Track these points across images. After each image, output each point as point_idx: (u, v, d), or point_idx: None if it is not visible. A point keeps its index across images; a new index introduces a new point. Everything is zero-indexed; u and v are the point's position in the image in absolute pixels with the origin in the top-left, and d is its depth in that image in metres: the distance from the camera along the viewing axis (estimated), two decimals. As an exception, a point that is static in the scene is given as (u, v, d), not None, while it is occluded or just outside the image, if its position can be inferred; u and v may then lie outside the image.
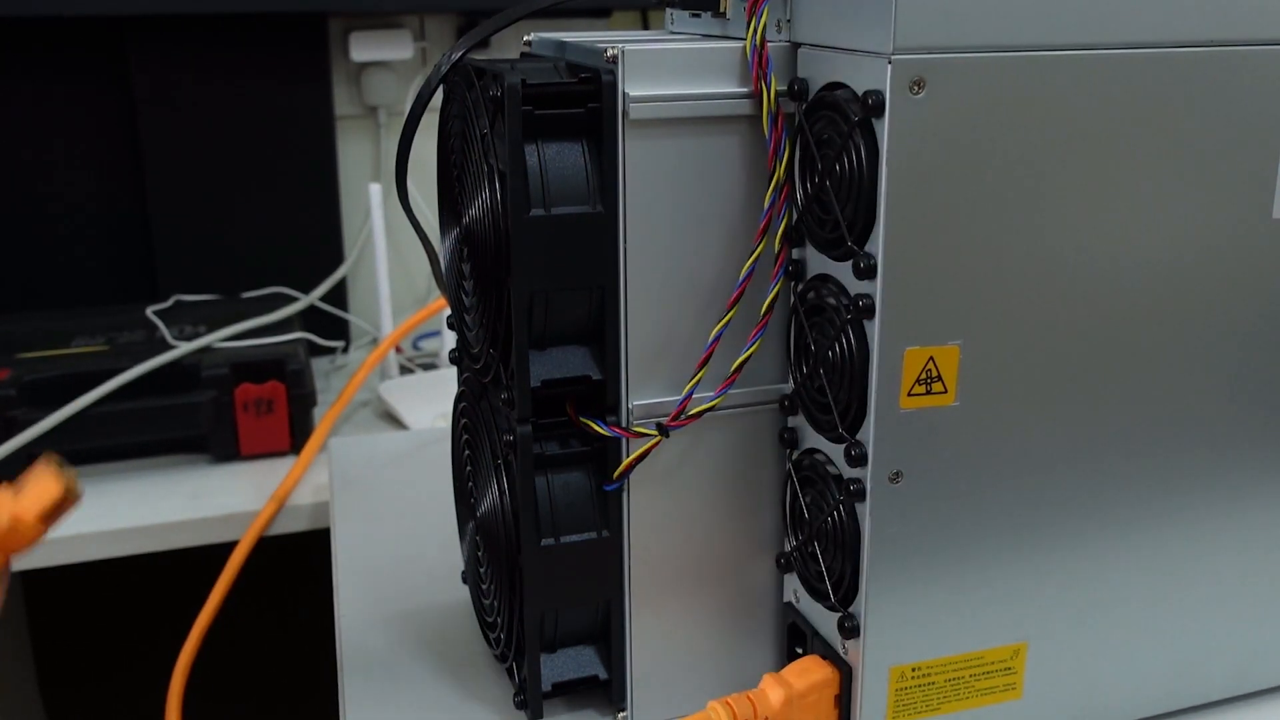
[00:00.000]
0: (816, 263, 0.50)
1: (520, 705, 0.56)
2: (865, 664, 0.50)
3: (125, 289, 1.28)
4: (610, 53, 0.48)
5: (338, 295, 1.33)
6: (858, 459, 0.48)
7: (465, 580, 0.66)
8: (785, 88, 0.49)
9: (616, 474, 0.52)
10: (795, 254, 0.51)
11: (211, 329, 1.12)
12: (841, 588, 0.50)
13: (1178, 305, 0.50)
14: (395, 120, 1.36)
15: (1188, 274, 0.50)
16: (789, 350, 0.53)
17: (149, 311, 1.18)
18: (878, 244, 0.45)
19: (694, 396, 0.51)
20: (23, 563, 0.92)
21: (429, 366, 1.27)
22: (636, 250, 0.50)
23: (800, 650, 0.55)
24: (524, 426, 0.52)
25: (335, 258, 1.34)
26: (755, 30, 0.49)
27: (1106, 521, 0.52)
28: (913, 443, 0.48)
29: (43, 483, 0.48)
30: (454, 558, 0.71)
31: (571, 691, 0.56)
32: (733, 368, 0.51)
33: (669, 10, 0.59)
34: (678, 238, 0.50)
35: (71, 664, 1.33)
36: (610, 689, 0.56)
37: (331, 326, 1.32)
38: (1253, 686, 0.58)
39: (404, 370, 1.25)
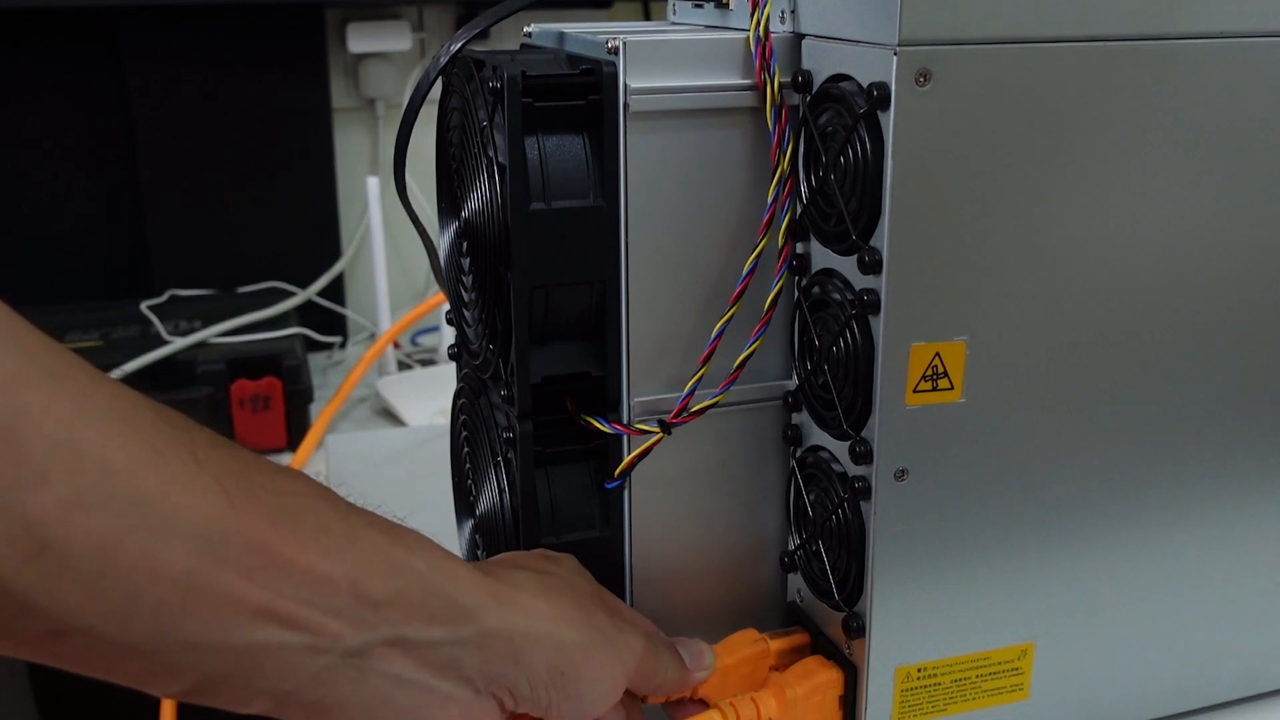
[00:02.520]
0: (820, 257, 0.49)
1: None
2: (870, 664, 0.49)
3: (119, 284, 1.27)
4: (611, 44, 0.48)
5: (335, 290, 1.32)
6: (862, 456, 0.47)
7: (464, 578, 0.65)
8: (789, 79, 0.49)
9: (618, 472, 0.51)
10: (799, 249, 0.51)
11: (207, 324, 1.11)
12: (846, 587, 0.50)
13: (1188, 301, 0.50)
14: (393, 112, 1.35)
15: (1199, 270, 0.49)
16: (793, 346, 0.52)
17: (143, 307, 1.18)
18: (883, 238, 0.45)
19: (696, 393, 0.50)
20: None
21: (427, 362, 1.27)
22: (638, 244, 0.49)
23: (804, 650, 0.54)
24: (524, 423, 0.51)
25: (332, 252, 1.33)
26: (758, 21, 0.48)
27: (1115, 520, 0.51)
28: (918, 440, 0.47)
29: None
30: (452, 555, 0.70)
31: (572, 692, 0.56)
32: (735, 364, 0.50)
33: (671, 1, 0.58)
34: (680, 232, 0.50)
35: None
36: (611, 689, 0.56)
37: (329, 322, 1.31)
38: (1263, 687, 0.57)
39: (402, 366, 1.24)
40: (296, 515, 0.38)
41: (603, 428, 0.51)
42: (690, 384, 0.50)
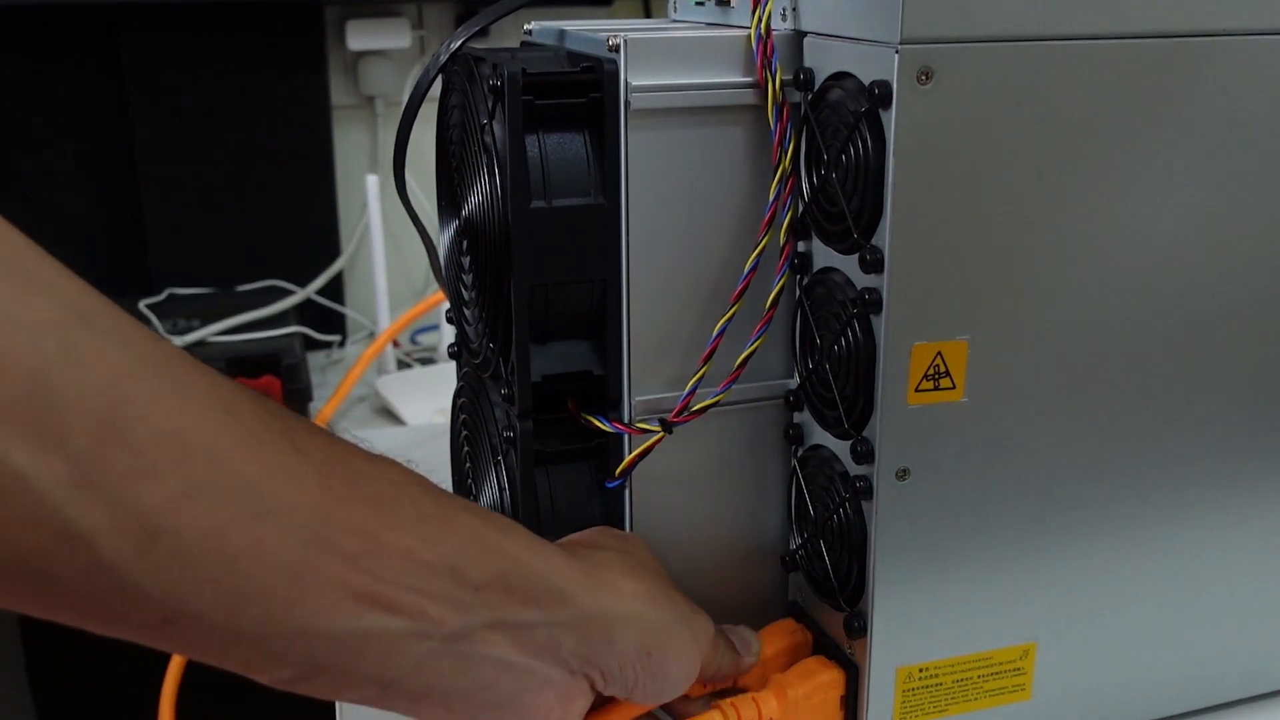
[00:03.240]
0: (822, 256, 0.49)
1: None
2: (872, 664, 0.49)
3: (117, 282, 1.27)
4: (612, 41, 0.47)
5: (334, 289, 1.32)
6: (864, 455, 0.47)
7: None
8: (790, 77, 0.48)
9: (619, 471, 0.51)
10: (801, 247, 0.51)
11: (205, 323, 1.11)
12: (848, 587, 0.50)
13: (1192, 301, 0.49)
14: (393, 110, 1.35)
15: (1203, 269, 0.49)
16: (794, 345, 0.52)
17: (142, 305, 1.17)
18: (884, 237, 0.45)
19: (697, 392, 0.50)
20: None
21: (427, 361, 1.27)
22: (639, 243, 0.49)
23: (805, 650, 0.54)
24: (524, 422, 0.51)
25: (332, 250, 1.33)
26: (760, 19, 0.48)
27: (1118, 520, 0.51)
28: (920, 439, 0.47)
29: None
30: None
31: (572, 692, 0.56)
32: (737, 363, 0.50)
33: (671, -2, 0.58)
34: (681, 230, 0.50)
35: (63, 664, 1.33)
36: (612, 689, 0.55)
37: (328, 320, 1.31)
38: (1267, 687, 0.57)
39: (401, 365, 1.24)
40: (394, 501, 0.39)
41: (603, 427, 0.51)
42: (691, 383, 0.50)
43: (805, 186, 0.49)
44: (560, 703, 0.42)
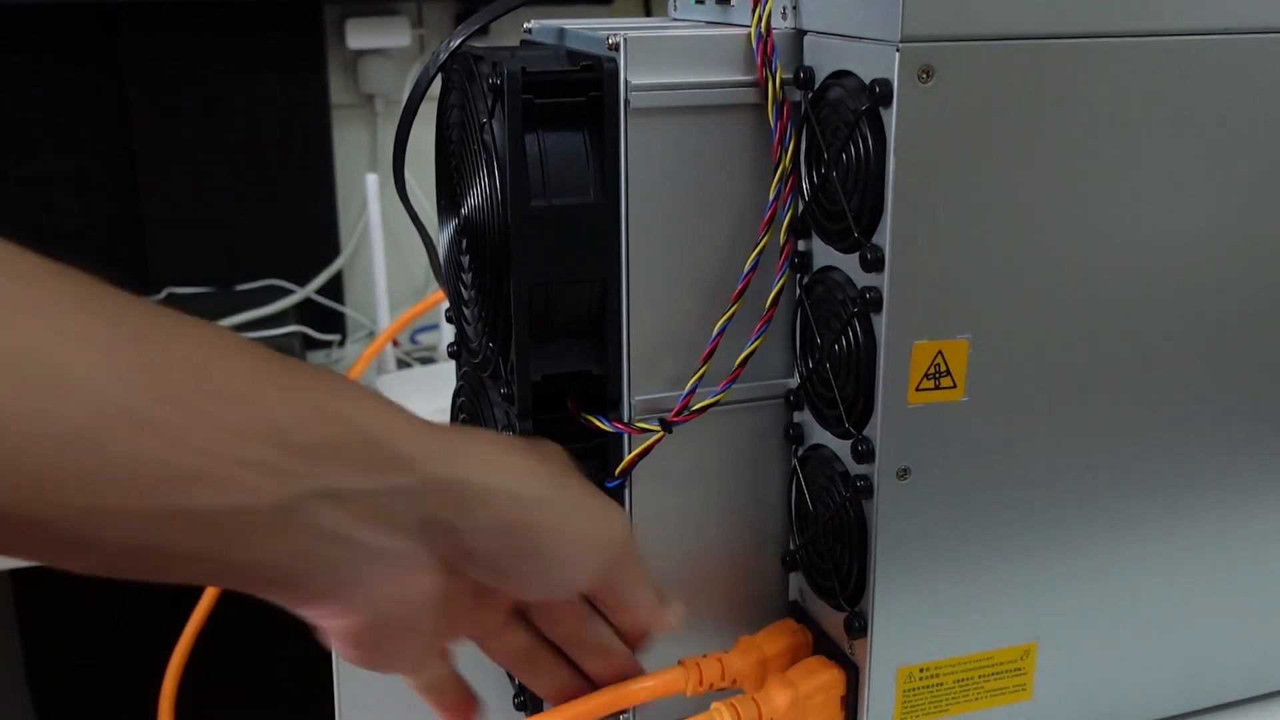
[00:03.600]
0: (822, 255, 0.49)
1: (519, 707, 0.55)
2: (872, 664, 0.49)
3: (116, 282, 1.26)
4: (612, 40, 0.47)
5: (334, 288, 1.32)
6: (865, 455, 0.47)
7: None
8: (791, 76, 0.48)
9: (619, 470, 0.51)
10: (801, 246, 0.50)
11: (205, 322, 1.11)
12: (848, 586, 0.50)
13: (1193, 299, 0.49)
14: (392, 109, 1.35)
15: (1203, 267, 0.49)
16: (794, 344, 0.52)
17: (142, 304, 1.17)
18: (885, 235, 0.44)
19: (697, 391, 0.50)
20: (15, 561, 0.91)
21: (427, 360, 1.27)
22: (638, 242, 0.49)
23: (805, 650, 0.54)
24: (524, 422, 0.51)
25: (331, 250, 1.33)
26: (760, 17, 0.48)
27: (1119, 519, 0.51)
28: (921, 438, 0.47)
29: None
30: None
31: (572, 692, 0.55)
32: (737, 362, 0.50)
33: (671, -3, 0.58)
34: (681, 229, 0.50)
35: (62, 664, 1.33)
36: (612, 689, 0.55)
37: (327, 320, 1.31)
38: (1269, 687, 0.57)
39: (401, 364, 1.24)
40: (218, 367, 0.35)
41: (603, 426, 0.50)
42: (691, 382, 0.50)
43: (805, 185, 0.49)
44: (400, 576, 0.38)
